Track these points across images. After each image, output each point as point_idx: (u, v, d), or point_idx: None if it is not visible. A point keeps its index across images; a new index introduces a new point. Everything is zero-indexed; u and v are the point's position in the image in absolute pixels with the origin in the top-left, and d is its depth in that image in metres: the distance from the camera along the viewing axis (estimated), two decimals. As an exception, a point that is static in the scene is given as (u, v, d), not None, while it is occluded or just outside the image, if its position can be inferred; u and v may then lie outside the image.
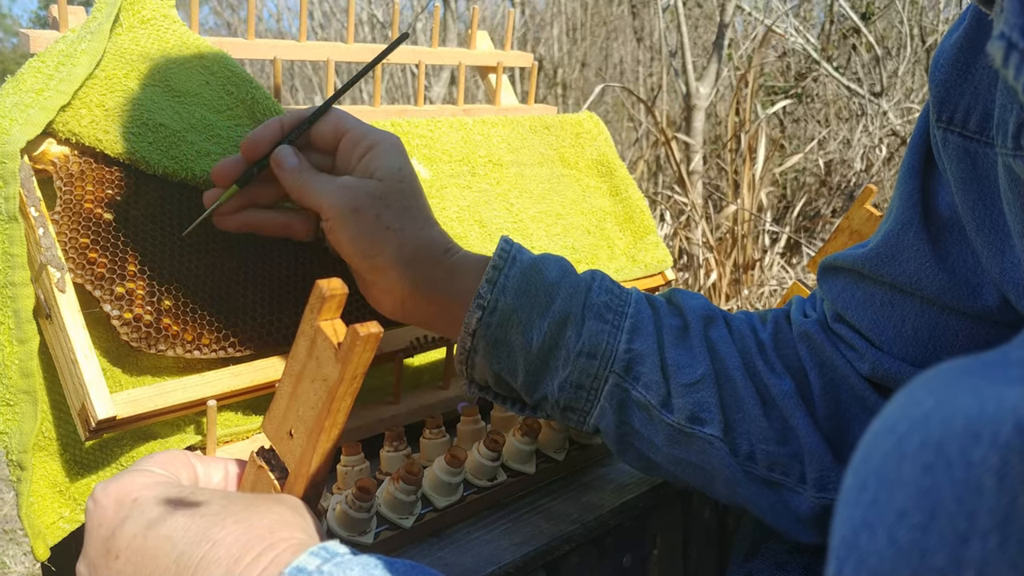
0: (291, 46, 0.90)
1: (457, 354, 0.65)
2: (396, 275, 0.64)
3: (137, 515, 0.42)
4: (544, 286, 0.63)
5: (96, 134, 0.68)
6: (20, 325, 0.62)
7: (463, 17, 5.43)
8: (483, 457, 0.68)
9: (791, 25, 3.74)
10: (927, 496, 0.19)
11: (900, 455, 0.21)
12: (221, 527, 0.41)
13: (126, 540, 0.41)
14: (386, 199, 0.64)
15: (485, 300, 0.62)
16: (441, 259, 0.65)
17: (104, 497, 0.44)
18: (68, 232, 0.65)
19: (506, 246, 0.64)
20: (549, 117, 1.07)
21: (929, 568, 0.19)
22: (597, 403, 0.63)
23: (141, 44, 0.74)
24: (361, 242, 0.63)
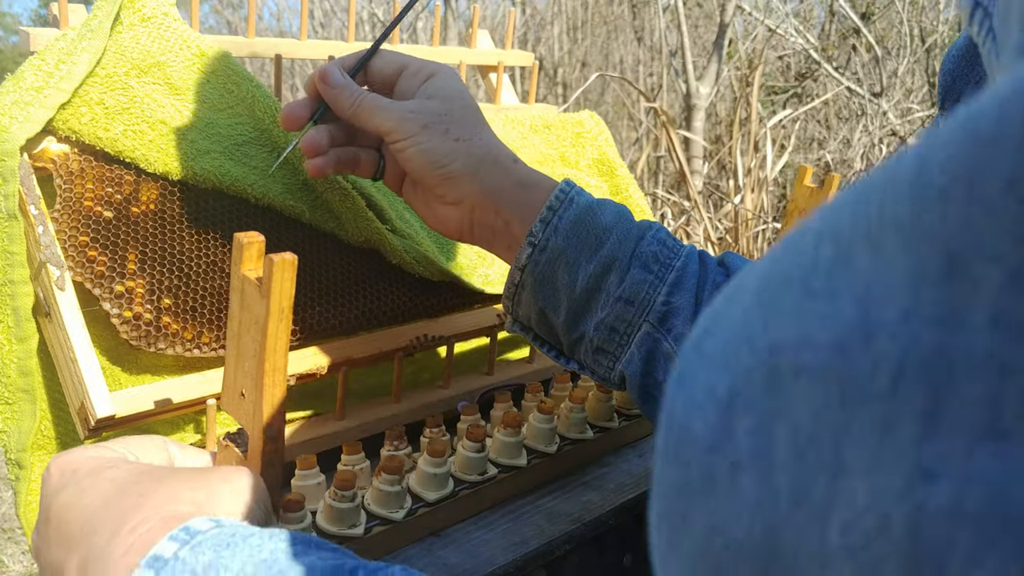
0: (292, 44, 0.90)
1: (506, 288, 0.67)
2: (468, 182, 0.65)
3: (71, 485, 0.44)
4: (597, 229, 0.64)
5: (96, 132, 0.68)
6: (19, 323, 0.62)
7: (464, 16, 5.43)
8: (466, 450, 0.68)
9: (791, 25, 3.74)
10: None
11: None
12: (122, 500, 0.42)
13: (57, 508, 0.43)
14: (451, 115, 0.66)
15: (536, 238, 0.64)
16: (510, 168, 0.67)
17: (54, 466, 0.46)
18: (68, 230, 0.64)
19: (566, 187, 0.66)
20: (550, 116, 1.07)
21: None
22: (628, 348, 0.64)
23: (142, 42, 0.74)
24: (433, 154, 0.65)
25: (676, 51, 3.68)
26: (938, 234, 0.15)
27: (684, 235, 3.04)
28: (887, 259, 0.15)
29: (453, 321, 0.83)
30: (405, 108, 0.65)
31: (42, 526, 0.44)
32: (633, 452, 0.78)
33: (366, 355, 0.74)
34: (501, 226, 0.67)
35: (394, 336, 0.77)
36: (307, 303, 0.73)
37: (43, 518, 0.44)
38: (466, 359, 0.89)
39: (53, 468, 0.46)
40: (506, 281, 0.67)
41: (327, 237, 0.76)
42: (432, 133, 0.65)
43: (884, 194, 0.16)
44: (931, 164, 0.15)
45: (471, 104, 0.68)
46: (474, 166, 0.65)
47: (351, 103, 0.65)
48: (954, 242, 0.15)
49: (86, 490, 0.43)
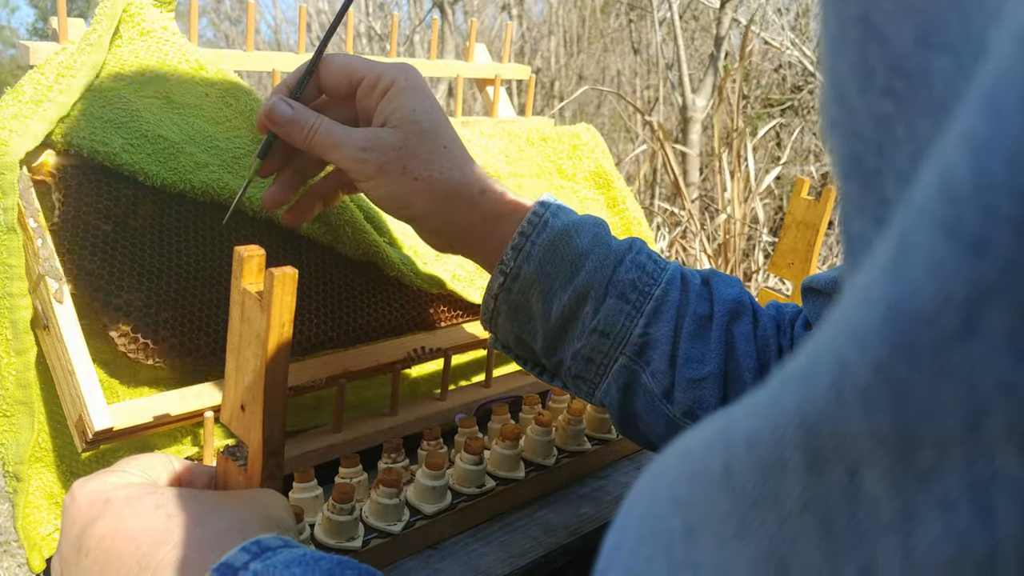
0: (289, 58, 0.90)
1: (482, 312, 0.65)
2: (435, 221, 0.63)
3: (108, 515, 0.43)
4: (572, 255, 0.62)
5: (95, 145, 0.68)
6: (17, 336, 0.62)
7: (460, 29, 5.45)
8: (465, 463, 0.68)
9: (787, 38, 3.76)
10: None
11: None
12: (181, 530, 0.42)
13: (95, 539, 0.42)
14: (407, 147, 0.62)
15: (508, 267, 0.62)
16: (477, 201, 0.63)
17: (81, 495, 0.45)
18: (66, 243, 0.65)
19: (540, 209, 0.63)
20: (546, 129, 1.07)
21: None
22: (605, 379, 0.63)
23: (140, 56, 0.75)
24: (393, 199, 0.62)
25: (672, 64, 3.69)
26: (763, 536, 0.17)
27: (680, 247, 3.04)
28: (728, 550, 0.18)
29: (450, 333, 0.83)
30: (358, 146, 0.61)
31: (75, 556, 0.43)
32: (631, 464, 0.78)
33: (364, 367, 0.74)
34: (477, 257, 0.65)
35: (392, 348, 0.77)
36: (305, 315, 0.73)
37: (74, 547, 0.43)
38: (462, 371, 0.89)
39: (81, 498, 0.45)
40: (482, 305, 0.65)
41: (324, 249, 0.77)
42: (389, 175, 0.61)
43: (708, 479, 0.19)
44: (737, 469, 0.18)
45: (429, 123, 0.63)
46: (438, 204, 0.62)
47: (304, 138, 0.62)
48: (779, 547, 0.17)
49: (128, 519, 0.42)
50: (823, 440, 0.16)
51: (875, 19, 0.19)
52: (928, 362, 0.15)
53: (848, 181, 0.20)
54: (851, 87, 0.20)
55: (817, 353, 0.17)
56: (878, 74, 0.19)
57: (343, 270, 0.77)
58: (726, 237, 2.74)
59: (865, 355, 0.15)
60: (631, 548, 0.22)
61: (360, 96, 0.64)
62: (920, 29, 0.18)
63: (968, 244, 0.14)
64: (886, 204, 0.19)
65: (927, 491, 0.15)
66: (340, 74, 0.64)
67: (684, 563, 0.20)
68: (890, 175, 0.19)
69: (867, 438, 0.15)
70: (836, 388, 0.16)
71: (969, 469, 0.15)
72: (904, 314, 0.15)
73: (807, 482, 0.17)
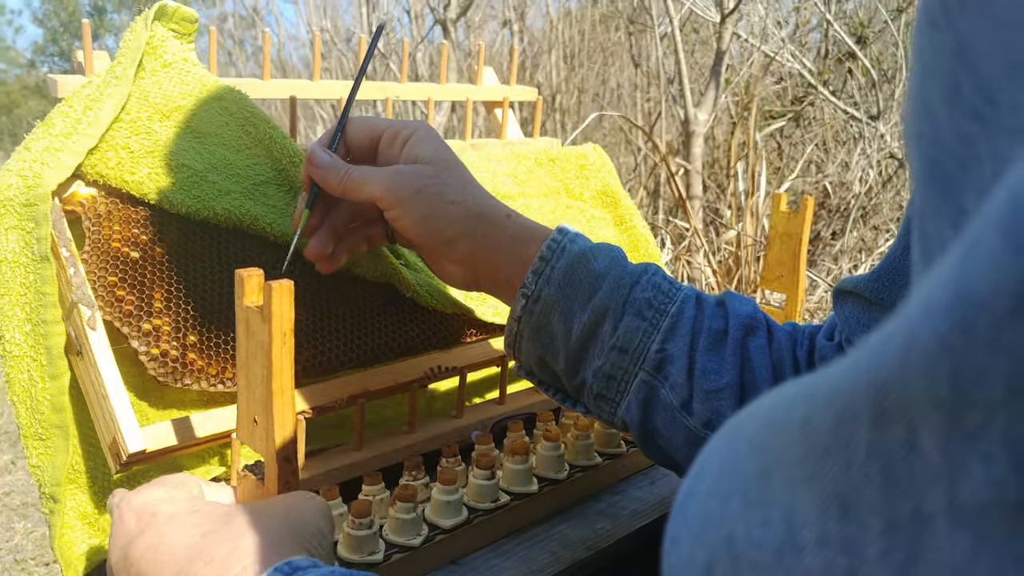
0: (305, 85, 0.93)
1: (505, 337, 0.68)
2: (467, 244, 0.66)
3: (152, 530, 0.46)
4: (590, 277, 0.64)
5: (122, 175, 0.70)
6: (52, 362, 0.64)
7: (462, 45, 5.49)
8: (478, 478, 0.70)
9: (788, 51, 3.79)
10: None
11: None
12: (218, 545, 0.45)
13: (140, 551, 0.46)
14: (440, 176, 0.67)
15: (529, 290, 0.65)
16: (504, 224, 0.67)
17: (128, 510, 0.48)
18: (97, 271, 0.67)
19: (558, 236, 0.66)
20: (554, 150, 1.09)
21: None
22: (626, 395, 0.65)
23: (163, 88, 0.77)
24: (429, 220, 0.66)
25: (673, 78, 3.72)
26: (831, 480, 0.20)
27: (685, 262, 3.06)
28: (798, 490, 0.21)
29: (465, 352, 0.85)
30: (391, 173, 0.66)
31: (124, 564, 0.46)
32: (645, 479, 0.80)
33: (383, 387, 0.76)
34: (502, 280, 0.68)
35: (409, 367, 0.79)
36: (324, 336, 0.75)
37: (122, 557, 0.46)
38: (477, 388, 0.91)
39: (127, 512, 0.48)
40: (505, 330, 0.68)
41: (343, 272, 0.79)
42: (425, 197, 0.66)
43: (788, 429, 0.22)
44: (814, 421, 0.21)
45: (456, 162, 0.69)
46: (471, 228, 0.66)
47: (338, 180, 0.67)
48: (844, 489, 0.20)
49: (168, 535, 0.45)
50: (890, 400, 0.19)
51: (969, 51, 0.22)
52: (982, 338, 0.17)
53: (928, 186, 0.23)
54: (939, 106, 0.23)
55: (894, 327, 0.19)
56: (967, 98, 0.22)
57: (361, 292, 0.79)
58: (736, 252, 2.76)
59: (932, 330, 0.18)
60: (709, 486, 0.25)
61: (383, 147, 0.70)
62: (1011, 63, 0.21)
63: (1019, 245, 0.17)
64: (964, 214, 0.22)
65: (973, 448, 0.18)
66: (362, 130, 0.70)
67: (758, 501, 0.22)
68: (970, 189, 0.22)
69: (926, 401, 0.18)
70: (905, 356, 0.19)
71: (1008, 429, 0.17)
72: (966, 298, 0.17)
73: (873, 435, 0.19)
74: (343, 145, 0.71)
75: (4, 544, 2.54)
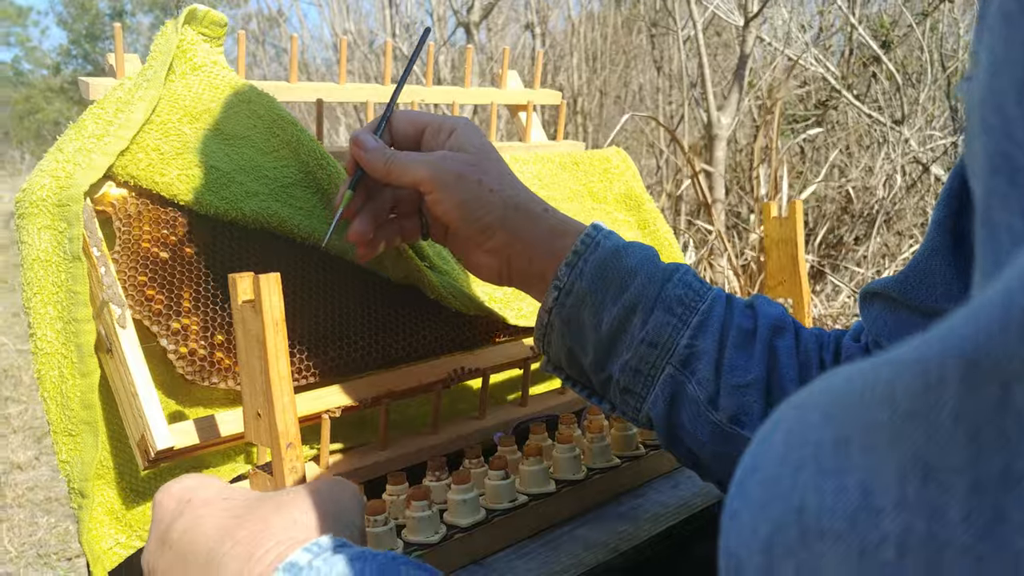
0: (332, 88, 0.94)
1: (536, 329, 0.69)
2: (503, 234, 0.68)
3: (187, 514, 0.48)
4: (622, 272, 0.65)
5: (152, 177, 0.71)
6: (83, 359, 0.65)
7: (484, 48, 5.50)
8: (493, 480, 0.71)
9: (811, 54, 3.77)
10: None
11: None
12: (244, 528, 0.46)
13: (177, 534, 0.47)
14: (482, 166, 0.69)
15: (562, 282, 0.66)
16: (541, 216, 0.69)
17: (168, 496, 0.50)
18: (127, 270, 0.68)
19: (592, 232, 0.67)
20: (578, 153, 1.10)
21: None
22: (652, 389, 0.65)
23: (193, 90, 0.78)
24: (469, 205, 0.67)
25: (696, 82, 3.72)
26: (913, 443, 0.20)
27: (707, 264, 3.05)
28: (877, 456, 0.21)
29: (488, 353, 0.85)
30: (435, 158, 0.68)
31: (161, 549, 0.48)
32: (668, 482, 0.80)
33: (407, 387, 0.76)
34: (535, 273, 0.69)
35: (433, 368, 0.79)
36: (352, 338, 0.76)
37: (161, 540, 0.48)
38: (499, 390, 0.91)
39: (166, 498, 0.49)
40: (536, 323, 0.69)
41: (370, 274, 0.79)
42: (466, 182, 0.67)
43: (870, 395, 0.22)
44: (899, 386, 0.21)
45: (497, 155, 0.71)
46: (507, 217, 0.68)
47: (383, 162, 0.68)
48: (928, 453, 0.20)
49: (203, 518, 0.47)
50: (985, 362, 0.19)
51: None
52: None
53: (994, 176, 0.24)
54: (1010, 99, 0.23)
55: (986, 299, 0.20)
56: None
57: (387, 293, 0.80)
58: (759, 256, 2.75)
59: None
60: (775, 458, 0.24)
61: (427, 138, 0.71)
62: None
63: None
64: None
65: None
66: (408, 122, 0.72)
67: (833, 470, 0.22)
68: None
69: (1021, 361, 0.19)
70: (1003, 321, 0.19)
71: None
72: None
73: (962, 398, 0.19)
74: (387, 134, 0.72)
75: (28, 539, 2.57)
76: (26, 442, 3.34)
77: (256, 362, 0.58)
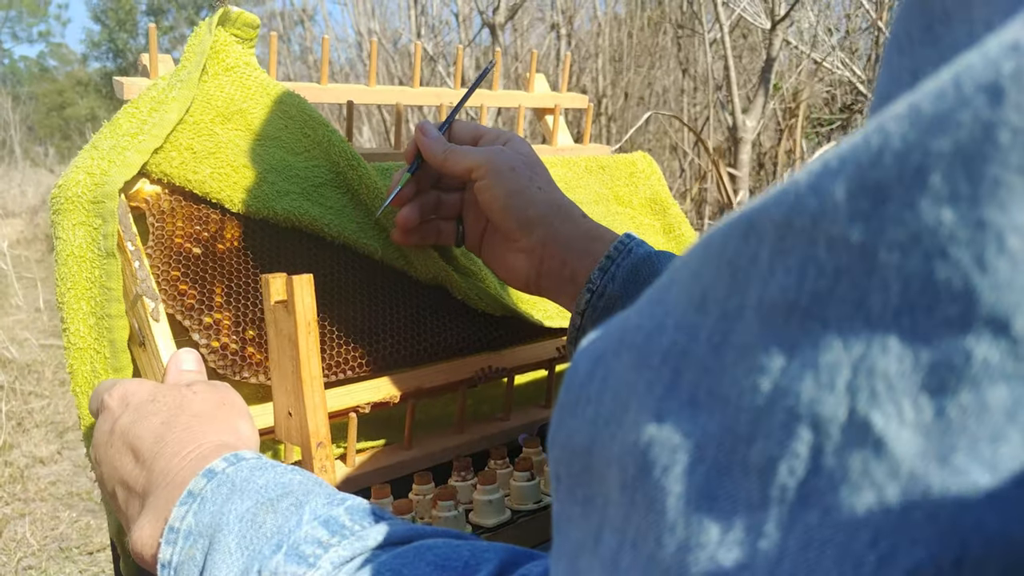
0: (362, 91, 0.95)
1: (568, 333, 0.71)
2: (541, 230, 0.70)
3: (125, 416, 0.55)
4: (652, 276, 0.67)
5: (185, 175, 0.72)
6: (115, 355, 0.66)
7: (509, 50, 5.50)
8: (518, 481, 0.71)
9: (837, 57, 3.75)
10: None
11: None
12: (175, 427, 0.54)
13: (118, 434, 0.55)
14: (532, 165, 0.73)
15: (595, 285, 0.68)
16: (579, 221, 0.71)
17: (109, 398, 0.58)
18: (160, 265, 0.69)
19: (626, 239, 0.70)
20: (604, 157, 1.10)
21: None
22: None
23: (226, 91, 0.79)
24: (516, 196, 0.70)
25: (722, 84, 3.71)
26: (702, 279, 0.23)
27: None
28: (686, 287, 0.23)
29: (514, 354, 0.86)
30: (492, 150, 0.72)
31: (109, 438, 0.55)
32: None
33: (435, 385, 0.77)
34: (567, 276, 0.70)
35: (460, 368, 0.80)
36: (380, 336, 0.77)
37: (110, 431, 0.56)
38: (523, 391, 0.92)
39: (109, 399, 0.57)
40: (568, 326, 0.70)
41: (398, 274, 0.80)
42: (517, 176, 0.70)
43: (692, 249, 0.24)
44: (715, 238, 0.23)
45: (544, 166, 0.75)
46: (549, 215, 0.70)
47: (442, 150, 0.72)
48: (707, 286, 0.22)
49: (137, 421, 0.55)
50: (759, 219, 0.21)
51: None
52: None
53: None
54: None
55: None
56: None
57: (415, 293, 0.81)
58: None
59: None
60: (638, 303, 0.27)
61: (482, 144, 0.75)
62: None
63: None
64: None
65: (784, 259, 0.21)
66: (467, 130, 0.76)
67: (657, 299, 0.25)
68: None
69: (772, 223, 0.21)
70: (783, 192, 0.21)
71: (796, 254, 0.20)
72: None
73: (738, 245, 0.22)
74: (447, 137, 0.76)
75: (50, 532, 2.60)
76: (48, 437, 3.38)
77: (288, 362, 0.59)
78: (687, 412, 0.22)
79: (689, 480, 0.21)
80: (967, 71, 0.18)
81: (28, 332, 4.80)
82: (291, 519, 0.44)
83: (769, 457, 0.20)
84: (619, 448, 0.23)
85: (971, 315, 0.17)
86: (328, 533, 0.42)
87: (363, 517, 0.44)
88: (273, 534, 0.43)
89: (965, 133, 0.17)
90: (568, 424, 0.26)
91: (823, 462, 0.19)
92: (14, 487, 2.89)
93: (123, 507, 0.53)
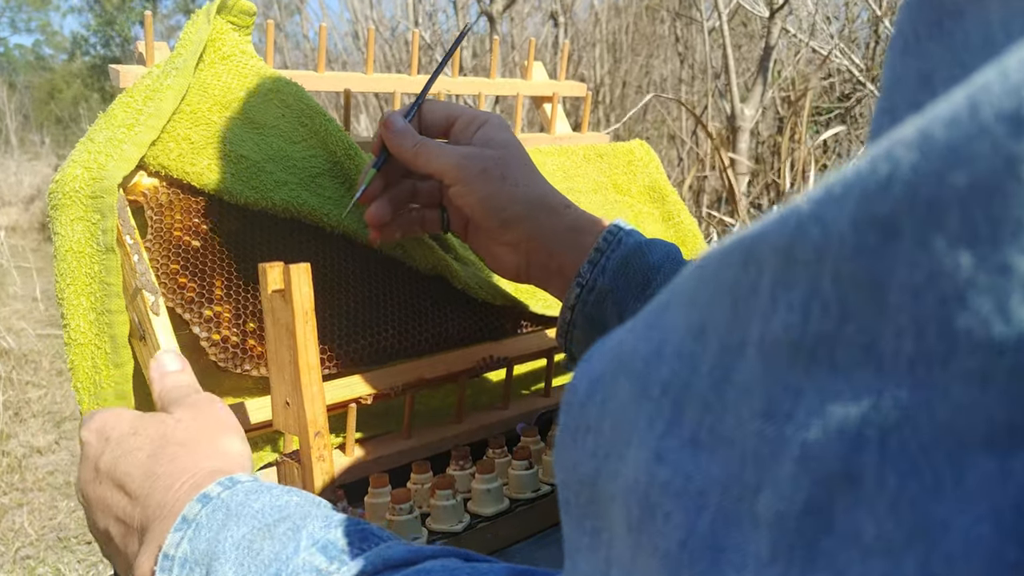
0: (359, 79, 0.94)
1: (558, 327, 0.70)
2: (524, 228, 0.68)
3: (108, 452, 0.54)
4: (644, 268, 0.66)
5: (183, 166, 0.72)
6: (116, 350, 0.66)
7: (507, 39, 5.49)
8: (516, 470, 0.71)
9: (836, 46, 3.74)
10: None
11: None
12: (165, 459, 0.52)
13: (104, 471, 0.53)
14: (506, 161, 0.69)
15: (584, 279, 0.67)
16: (562, 213, 0.69)
17: (88, 433, 0.56)
18: (159, 258, 0.69)
19: (615, 229, 0.68)
20: (602, 146, 1.10)
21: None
22: None
23: (222, 79, 0.79)
24: (491, 199, 0.68)
25: (720, 73, 3.70)
26: (701, 306, 0.22)
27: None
28: (681, 314, 0.23)
29: (514, 343, 0.86)
30: (462, 152, 0.68)
31: (95, 476, 0.54)
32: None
33: (436, 375, 0.77)
34: (555, 269, 0.69)
35: (461, 358, 0.80)
36: (380, 326, 0.77)
37: (94, 469, 0.54)
38: (521, 381, 0.92)
39: (87, 434, 0.56)
40: (558, 320, 0.69)
41: (397, 264, 0.80)
42: (489, 179, 0.68)
43: (688, 272, 0.24)
44: (710, 263, 0.23)
45: (523, 151, 0.71)
46: (529, 211, 0.68)
47: (412, 146, 0.69)
48: (706, 315, 0.22)
49: (120, 457, 0.53)
50: (759, 248, 0.20)
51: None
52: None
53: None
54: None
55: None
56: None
57: (415, 283, 0.81)
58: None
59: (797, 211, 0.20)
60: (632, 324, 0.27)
61: (457, 131, 0.72)
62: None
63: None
64: None
65: (787, 294, 0.20)
66: (440, 112, 0.72)
67: (653, 324, 0.24)
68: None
69: (773, 250, 0.20)
70: (783, 219, 0.20)
71: (815, 284, 0.19)
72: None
73: (737, 274, 0.21)
74: (417, 121, 0.73)
75: (48, 522, 2.60)
76: (46, 426, 3.38)
77: (285, 351, 0.59)
78: (688, 452, 0.21)
79: (694, 528, 0.20)
80: (984, 94, 0.16)
81: (25, 322, 4.79)
82: (288, 546, 0.43)
83: (777, 512, 0.19)
84: (622, 486, 0.22)
85: (994, 369, 0.16)
86: (326, 560, 0.41)
87: (362, 540, 0.43)
88: (271, 562, 0.42)
89: (984, 166, 0.16)
90: (571, 453, 0.25)
91: (835, 521, 0.18)
92: (12, 477, 2.89)
93: (121, 545, 0.52)
